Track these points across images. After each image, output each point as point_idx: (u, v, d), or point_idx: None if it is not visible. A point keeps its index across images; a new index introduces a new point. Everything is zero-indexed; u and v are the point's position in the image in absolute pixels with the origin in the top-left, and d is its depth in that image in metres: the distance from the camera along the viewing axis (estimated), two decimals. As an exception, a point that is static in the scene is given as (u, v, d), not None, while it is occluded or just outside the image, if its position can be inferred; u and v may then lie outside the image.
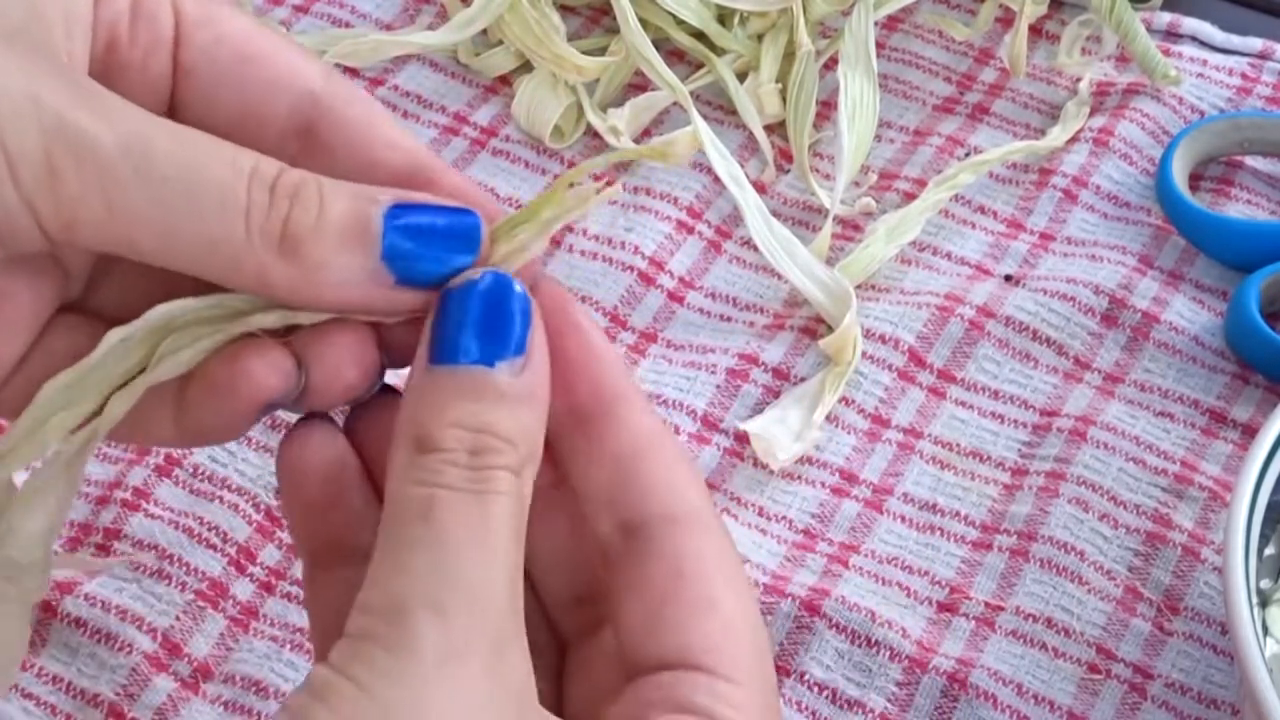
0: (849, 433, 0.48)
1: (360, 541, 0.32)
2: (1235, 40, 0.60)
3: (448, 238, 0.30)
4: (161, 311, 0.30)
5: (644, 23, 0.55)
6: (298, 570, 0.45)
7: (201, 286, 0.31)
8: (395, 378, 0.32)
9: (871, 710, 0.43)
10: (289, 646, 0.44)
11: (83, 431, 0.30)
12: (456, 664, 0.27)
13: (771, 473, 0.47)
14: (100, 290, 0.33)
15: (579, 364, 0.31)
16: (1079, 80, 0.58)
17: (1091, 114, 0.57)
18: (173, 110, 0.32)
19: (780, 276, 0.51)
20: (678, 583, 0.30)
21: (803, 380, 0.49)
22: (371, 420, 0.33)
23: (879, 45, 0.57)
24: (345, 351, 0.31)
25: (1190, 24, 0.60)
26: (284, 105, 0.32)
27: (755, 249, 0.51)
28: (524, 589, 0.30)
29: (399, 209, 0.30)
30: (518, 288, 0.30)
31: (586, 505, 0.32)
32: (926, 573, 0.46)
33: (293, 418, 0.33)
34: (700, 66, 0.57)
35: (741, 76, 0.56)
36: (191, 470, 0.46)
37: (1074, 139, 0.56)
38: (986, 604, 0.45)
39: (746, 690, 0.30)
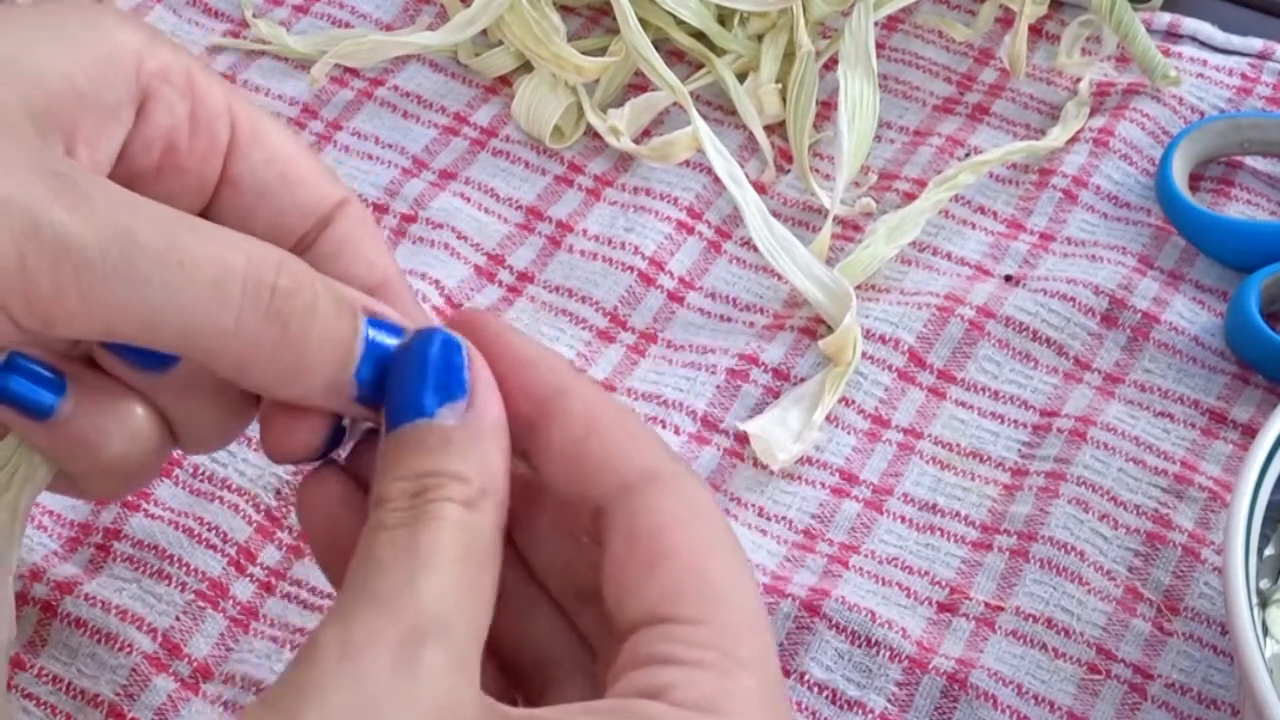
0: (849, 433, 0.48)
1: None
2: (1235, 40, 0.60)
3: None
4: None
5: (644, 23, 0.55)
6: (298, 570, 0.45)
7: None
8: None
9: (871, 710, 0.43)
10: (289, 646, 0.43)
11: None
12: (355, 660, 0.28)
13: (771, 473, 0.47)
14: None
15: (508, 375, 0.32)
16: (1079, 80, 0.58)
17: (1091, 114, 0.57)
18: (207, 212, 0.34)
19: (780, 277, 0.51)
20: (632, 546, 0.30)
21: (803, 380, 0.49)
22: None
23: (879, 45, 0.57)
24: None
25: (1190, 24, 0.60)
26: (308, 223, 0.35)
27: (755, 249, 0.51)
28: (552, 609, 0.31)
29: (371, 323, 0.32)
30: (441, 335, 0.32)
31: (567, 507, 0.32)
32: (926, 573, 0.45)
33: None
34: (700, 66, 0.57)
35: (741, 77, 0.56)
36: (191, 470, 0.46)
37: (1074, 139, 0.56)
38: (986, 604, 0.45)
39: (709, 627, 0.30)
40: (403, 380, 0.32)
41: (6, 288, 0.28)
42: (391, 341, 0.32)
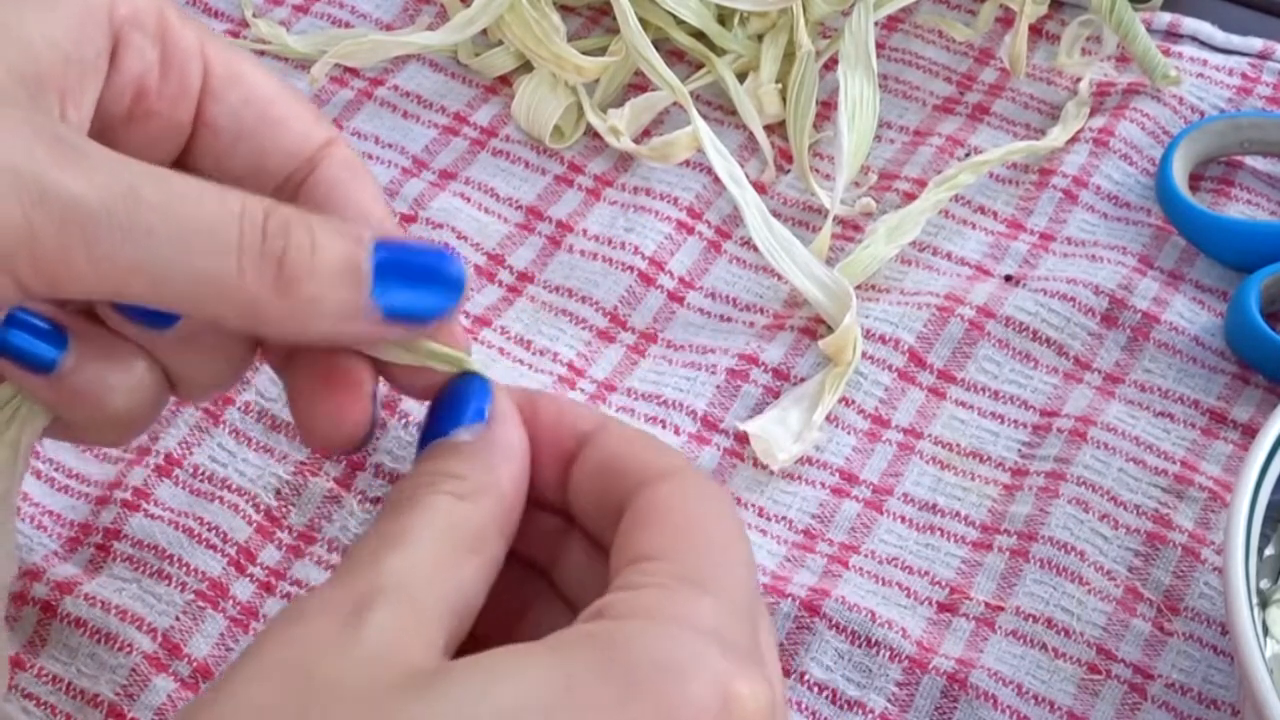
0: (849, 433, 0.48)
1: None
2: (1235, 40, 0.60)
3: (432, 278, 0.32)
4: None
5: (644, 23, 0.55)
6: (298, 570, 0.45)
7: None
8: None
9: (871, 710, 0.43)
10: (289, 646, 0.43)
11: None
12: (304, 626, 0.28)
13: (771, 473, 0.47)
14: None
15: (552, 419, 0.33)
16: (1079, 80, 0.58)
17: (1091, 114, 0.57)
18: (185, 154, 0.34)
19: (780, 277, 0.51)
20: (633, 518, 0.31)
21: (803, 380, 0.49)
22: None
23: (879, 45, 0.57)
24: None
25: (1190, 24, 0.60)
26: (291, 165, 0.34)
27: (755, 249, 0.51)
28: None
29: (381, 245, 0.31)
30: (474, 376, 0.33)
31: (597, 537, 0.33)
32: (926, 573, 0.46)
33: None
34: (700, 66, 0.57)
35: (741, 76, 0.56)
36: (191, 470, 0.46)
37: (1074, 139, 0.56)
38: (986, 604, 0.45)
39: (670, 560, 0.30)
40: (434, 415, 0.33)
41: (14, 252, 0.28)
42: (407, 259, 0.32)
